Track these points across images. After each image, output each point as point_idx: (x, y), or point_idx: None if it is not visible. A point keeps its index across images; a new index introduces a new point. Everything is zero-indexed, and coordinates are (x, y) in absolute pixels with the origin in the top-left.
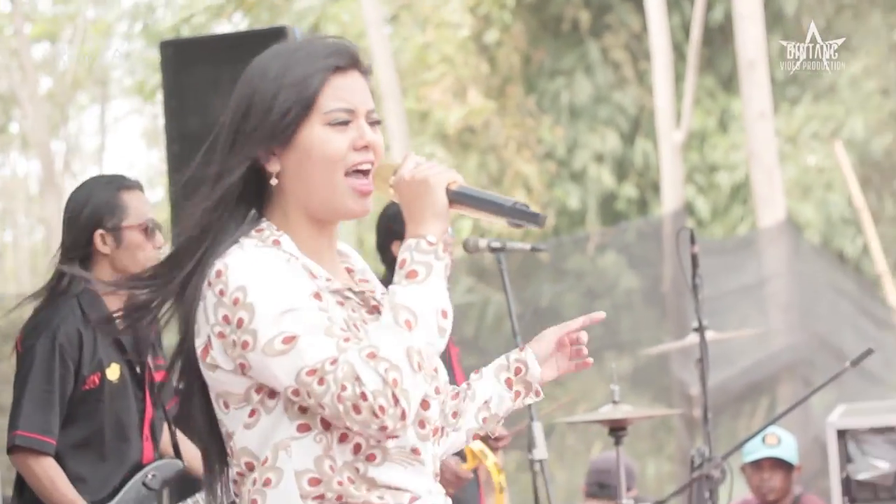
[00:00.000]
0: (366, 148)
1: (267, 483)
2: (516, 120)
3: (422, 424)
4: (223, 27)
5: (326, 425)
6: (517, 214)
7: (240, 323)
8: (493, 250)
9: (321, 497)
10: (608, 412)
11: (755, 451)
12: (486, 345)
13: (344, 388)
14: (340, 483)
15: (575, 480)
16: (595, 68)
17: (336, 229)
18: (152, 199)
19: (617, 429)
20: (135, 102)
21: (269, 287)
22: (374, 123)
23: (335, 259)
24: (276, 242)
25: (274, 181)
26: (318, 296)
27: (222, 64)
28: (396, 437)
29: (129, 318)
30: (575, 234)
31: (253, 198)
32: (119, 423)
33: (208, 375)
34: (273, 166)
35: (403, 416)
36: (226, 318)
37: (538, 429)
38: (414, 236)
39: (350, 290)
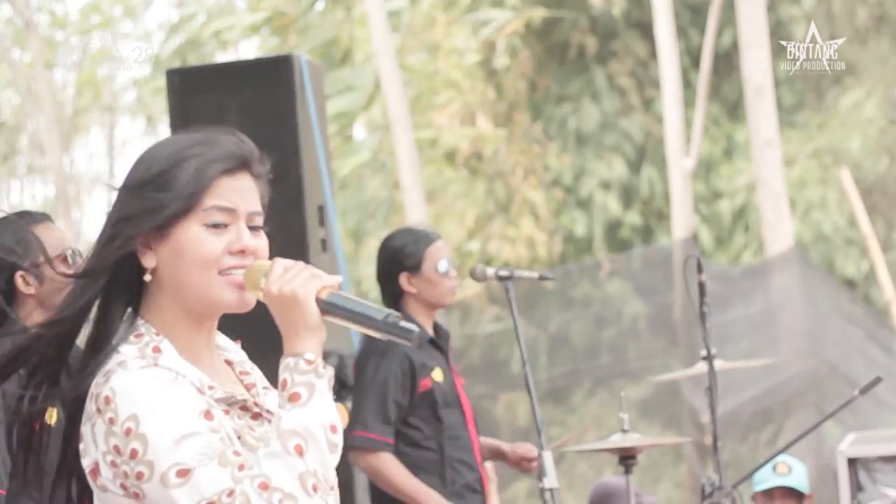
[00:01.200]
0: (241, 252)
1: None
2: (523, 146)
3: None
4: (248, 46)
5: None
6: (390, 329)
7: (133, 454)
8: (501, 279)
9: None
10: (618, 440)
11: (766, 479)
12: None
13: None
14: None
15: None
16: (601, 95)
17: (214, 324)
18: None
19: (627, 457)
20: (141, 126)
21: (159, 415)
22: (256, 228)
23: (214, 356)
24: (157, 350)
25: (148, 277)
26: (208, 414)
27: (228, 92)
28: None
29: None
30: (581, 261)
31: (130, 294)
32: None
33: (97, 492)
34: (148, 261)
35: None
36: (117, 449)
37: (548, 457)
38: (291, 355)
39: (233, 397)
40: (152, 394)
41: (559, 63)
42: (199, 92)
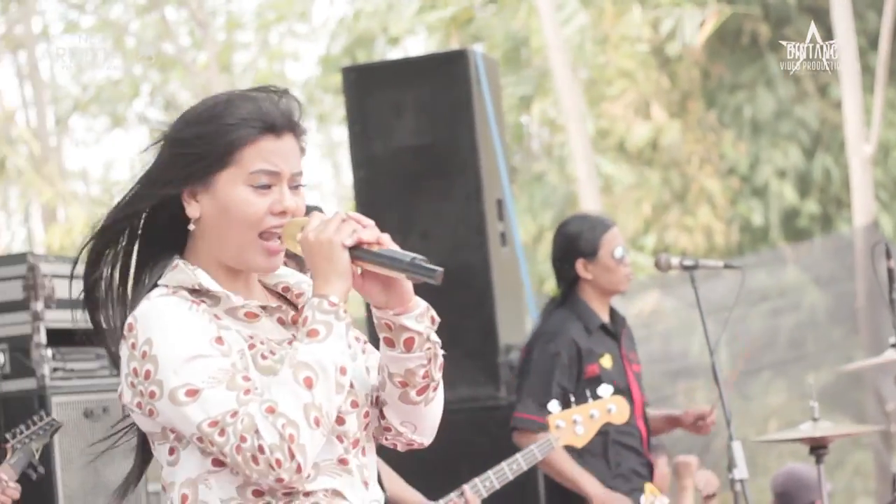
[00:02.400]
0: (283, 213)
1: None
2: (698, 135)
3: (340, 439)
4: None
5: None
6: (415, 269)
7: (147, 375)
8: (686, 268)
9: None
10: (808, 430)
11: None
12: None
13: (243, 439)
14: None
15: (765, 499)
16: (775, 82)
17: (251, 277)
18: None
19: (817, 447)
20: (310, 124)
21: (172, 338)
22: (297, 187)
23: (252, 289)
24: (182, 289)
25: (192, 226)
26: (219, 340)
27: (404, 88)
28: (293, 488)
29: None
30: (758, 250)
31: (172, 241)
32: None
33: (131, 415)
34: (193, 211)
35: (299, 469)
36: (135, 371)
37: (738, 448)
38: (318, 295)
39: (265, 307)
40: (166, 319)
41: (732, 50)
42: (375, 88)
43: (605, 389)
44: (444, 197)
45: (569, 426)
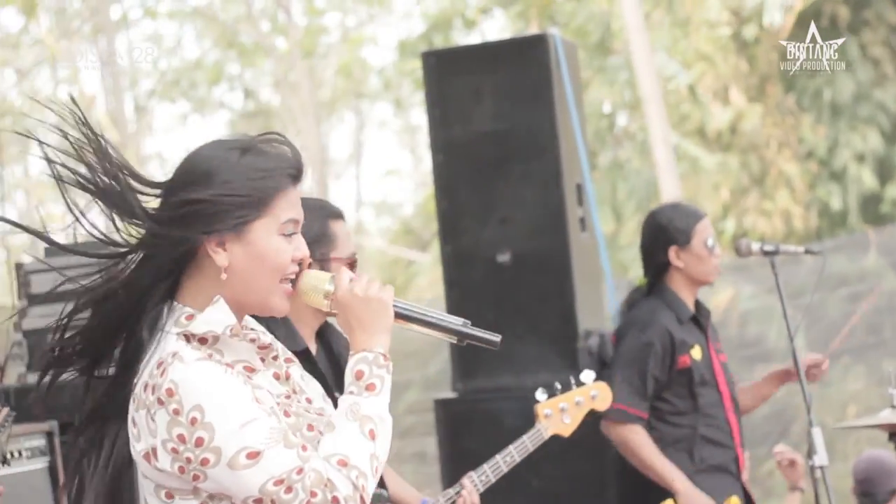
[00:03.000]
0: (301, 261)
1: None
2: (776, 119)
3: None
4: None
5: None
6: (471, 336)
7: (199, 442)
8: (767, 254)
9: None
10: (888, 416)
11: None
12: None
13: (314, 494)
14: None
15: (847, 485)
16: (855, 65)
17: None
18: (414, 207)
19: None
20: (388, 109)
21: (223, 404)
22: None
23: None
24: (204, 340)
25: (224, 276)
26: (257, 400)
27: (483, 73)
28: None
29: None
30: (836, 235)
31: (171, 283)
32: None
33: (150, 473)
34: (221, 260)
35: None
36: (181, 437)
37: (818, 434)
38: (368, 350)
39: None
40: (213, 385)
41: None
42: (454, 73)
43: (587, 375)
44: (523, 182)
45: (556, 415)
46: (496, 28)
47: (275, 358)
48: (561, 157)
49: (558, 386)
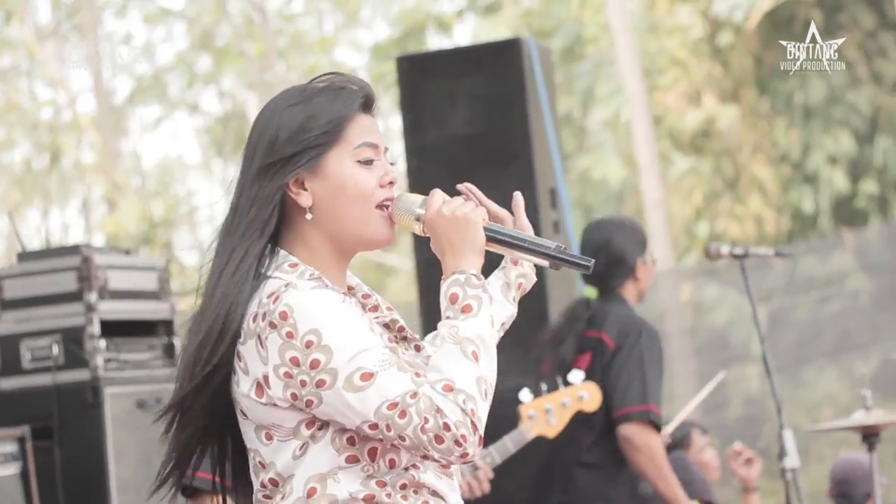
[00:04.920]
0: (391, 184)
1: None
2: (750, 123)
3: (479, 443)
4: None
5: (373, 456)
6: (564, 257)
7: (314, 364)
8: (736, 257)
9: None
10: (862, 418)
11: None
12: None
13: (426, 420)
14: (389, 495)
15: (820, 487)
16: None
17: (348, 264)
18: None
19: (870, 435)
20: None
21: (339, 328)
22: (392, 163)
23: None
24: (312, 276)
25: (309, 216)
26: (373, 331)
27: (457, 77)
28: (471, 462)
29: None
30: (808, 238)
31: (269, 231)
32: None
33: (256, 409)
34: (305, 200)
35: (481, 441)
36: (295, 360)
37: (789, 436)
38: (459, 272)
39: (382, 317)
40: (329, 309)
41: (785, 37)
42: (428, 77)
43: (575, 375)
44: (496, 186)
45: (541, 416)
46: (469, 34)
47: (374, 308)
48: (534, 162)
49: (544, 387)
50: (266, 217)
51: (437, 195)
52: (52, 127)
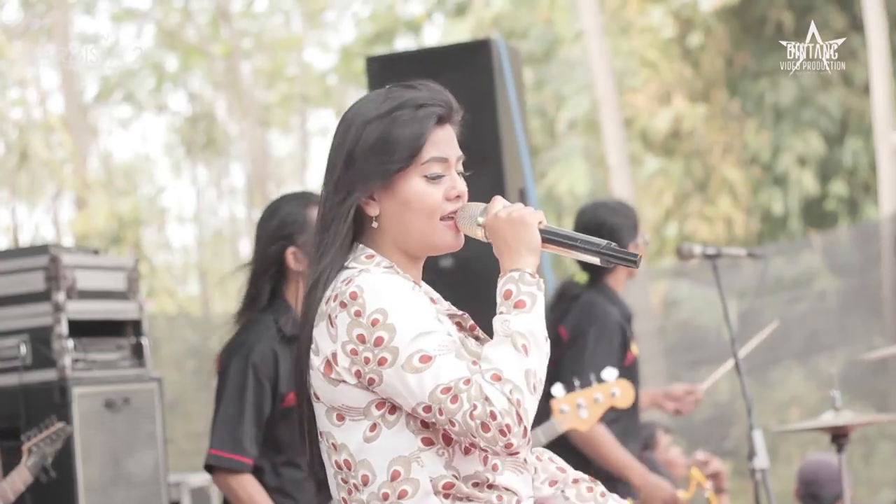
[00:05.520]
0: (458, 198)
1: (403, 495)
2: (721, 124)
3: (524, 434)
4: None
5: (448, 440)
6: (613, 256)
7: (378, 342)
8: (708, 257)
9: (457, 499)
10: (830, 419)
11: None
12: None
13: (475, 406)
14: (476, 484)
15: (789, 488)
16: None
17: (421, 266)
18: None
19: (839, 436)
20: (331, 116)
21: (405, 310)
22: (460, 172)
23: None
24: (388, 268)
25: (374, 224)
26: (438, 320)
27: (428, 77)
28: (517, 453)
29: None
30: (777, 240)
31: (350, 235)
32: None
33: (326, 390)
34: (372, 210)
35: (525, 433)
36: (361, 337)
37: (759, 437)
38: (515, 269)
39: (455, 313)
40: (397, 292)
41: (756, 39)
42: (398, 78)
43: (609, 373)
44: (466, 186)
45: (573, 410)
46: (436, 35)
47: (447, 312)
48: (504, 162)
49: (577, 382)
50: (344, 233)
51: (498, 201)
52: (22, 126)
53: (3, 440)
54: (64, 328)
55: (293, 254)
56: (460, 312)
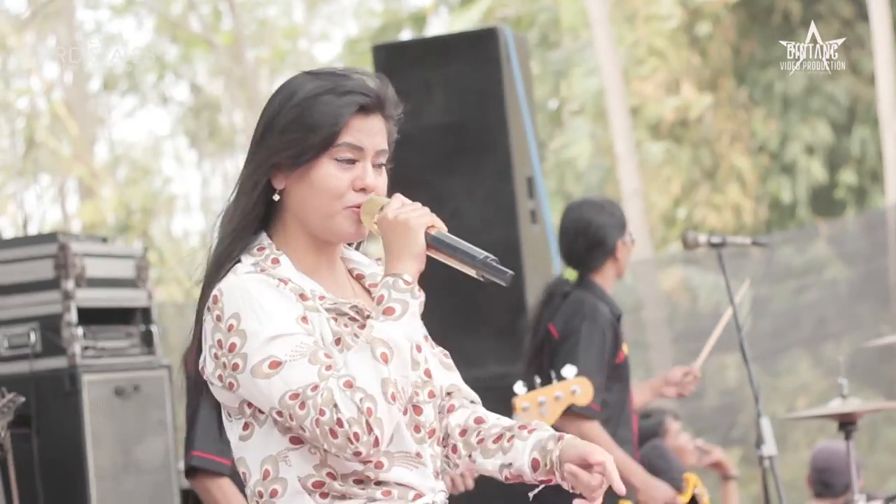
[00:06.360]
0: (363, 190)
1: (274, 494)
2: (729, 112)
3: (416, 429)
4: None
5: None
6: (486, 269)
7: (231, 347)
8: (714, 245)
9: (326, 495)
10: (838, 406)
11: None
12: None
13: (322, 413)
14: (342, 486)
15: (798, 475)
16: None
17: (337, 246)
18: None
19: (847, 423)
20: None
21: (258, 315)
22: (380, 166)
23: (336, 271)
24: (275, 261)
25: (276, 196)
26: (304, 319)
27: (434, 66)
28: (369, 461)
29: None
30: (786, 228)
31: (260, 214)
32: None
33: (211, 387)
34: (278, 183)
35: (377, 443)
36: (220, 343)
37: (766, 424)
38: (392, 274)
39: (339, 307)
40: (254, 295)
41: (763, 27)
42: (405, 67)
43: (569, 370)
44: (473, 175)
45: (535, 408)
46: (441, 26)
47: (366, 290)
48: (511, 151)
49: (538, 380)
50: (249, 209)
51: (395, 200)
52: (28, 115)
53: (13, 428)
54: (73, 316)
55: None
56: (351, 303)
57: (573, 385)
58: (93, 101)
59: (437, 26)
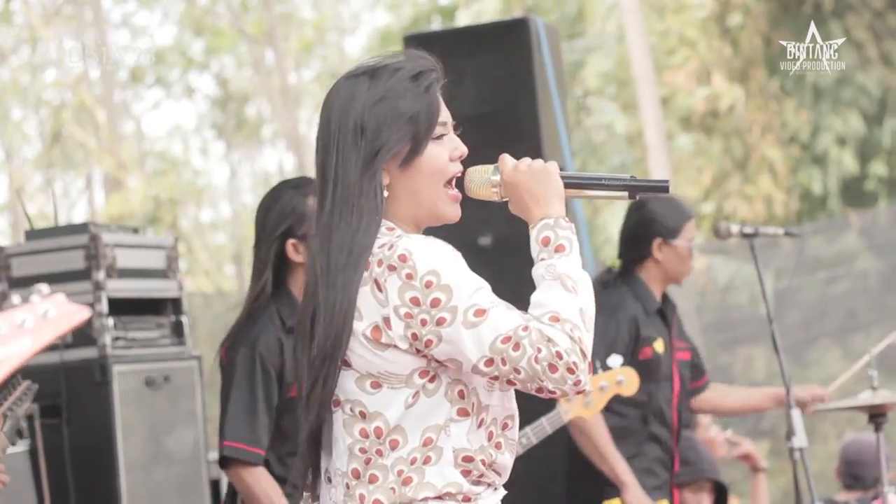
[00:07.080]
0: (460, 157)
1: (427, 461)
2: (760, 103)
3: (589, 370)
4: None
5: (477, 411)
6: (639, 186)
7: (435, 303)
8: (746, 236)
9: (468, 472)
10: (868, 398)
11: None
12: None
13: (539, 350)
14: (483, 461)
15: (826, 467)
16: (838, 49)
17: None
18: None
19: (877, 415)
20: None
21: (456, 269)
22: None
23: None
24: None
25: (385, 193)
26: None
27: (465, 56)
28: (584, 391)
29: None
30: (816, 218)
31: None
32: None
33: (366, 356)
34: (384, 178)
35: (590, 369)
36: (415, 300)
37: (797, 416)
38: (548, 217)
39: None
40: (444, 253)
41: (794, 17)
42: (436, 57)
43: (614, 360)
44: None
45: (579, 399)
46: (469, 16)
47: None
48: (542, 141)
49: None
50: (375, 207)
51: (508, 158)
52: (57, 107)
53: (44, 418)
54: (104, 306)
55: (294, 245)
56: None
57: (618, 375)
58: (119, 93)
59: (464, 18)
